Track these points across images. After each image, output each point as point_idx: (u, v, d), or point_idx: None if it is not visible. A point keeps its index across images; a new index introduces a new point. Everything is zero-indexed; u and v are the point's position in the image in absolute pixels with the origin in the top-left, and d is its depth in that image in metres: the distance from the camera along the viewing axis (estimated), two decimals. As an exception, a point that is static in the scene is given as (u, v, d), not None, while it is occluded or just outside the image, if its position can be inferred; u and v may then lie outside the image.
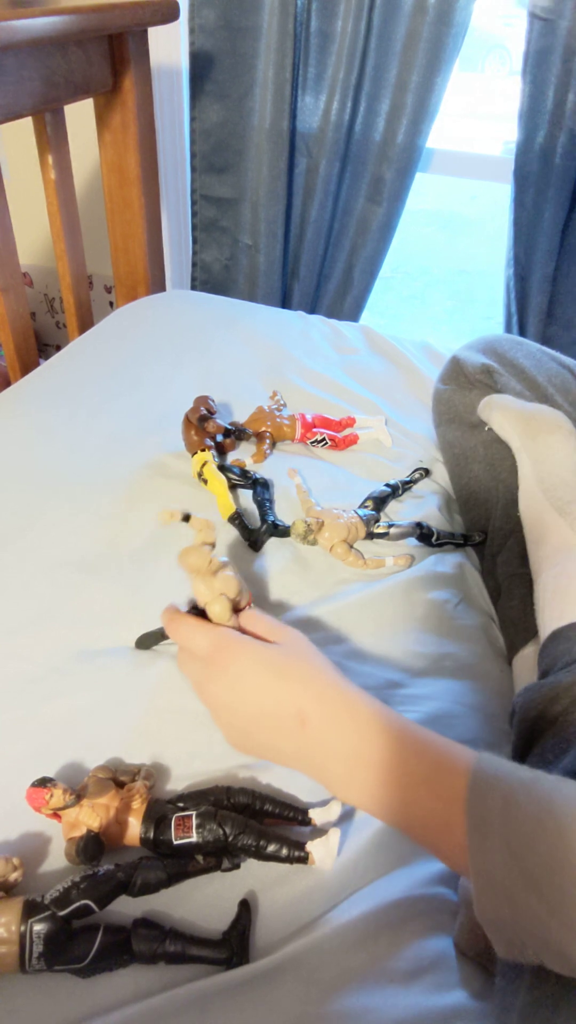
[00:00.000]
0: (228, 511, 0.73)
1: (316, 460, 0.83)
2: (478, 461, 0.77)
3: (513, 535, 0.69)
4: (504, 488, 0.72)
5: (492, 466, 0.75)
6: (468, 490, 0.77)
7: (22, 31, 0.80)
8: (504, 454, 0.75)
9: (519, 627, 0.64)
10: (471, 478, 0.77)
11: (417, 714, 0.58)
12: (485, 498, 0.74)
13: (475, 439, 0.78)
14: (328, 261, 1.47)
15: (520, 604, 0.65)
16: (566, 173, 1.22)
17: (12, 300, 1.01)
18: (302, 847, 0.46)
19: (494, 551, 0.70)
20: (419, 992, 0.42)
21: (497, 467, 0.74)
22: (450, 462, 0.81)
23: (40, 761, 0.52)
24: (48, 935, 0.40)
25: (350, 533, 0.69)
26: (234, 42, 1.30)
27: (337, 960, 0.43)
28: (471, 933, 0.44)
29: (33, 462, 0.80)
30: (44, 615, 0.63)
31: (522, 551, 0.67)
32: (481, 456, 0.77)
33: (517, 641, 0.64)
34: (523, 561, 0.67)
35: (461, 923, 0.45)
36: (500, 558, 0.69)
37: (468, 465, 0.77)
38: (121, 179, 1.14)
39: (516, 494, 0.71)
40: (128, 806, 0.47)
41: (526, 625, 0.63)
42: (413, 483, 0.80)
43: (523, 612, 0.64)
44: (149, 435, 0.84)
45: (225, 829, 0.45)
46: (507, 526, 0.70)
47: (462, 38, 1.19)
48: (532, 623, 0.62)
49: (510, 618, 0.66)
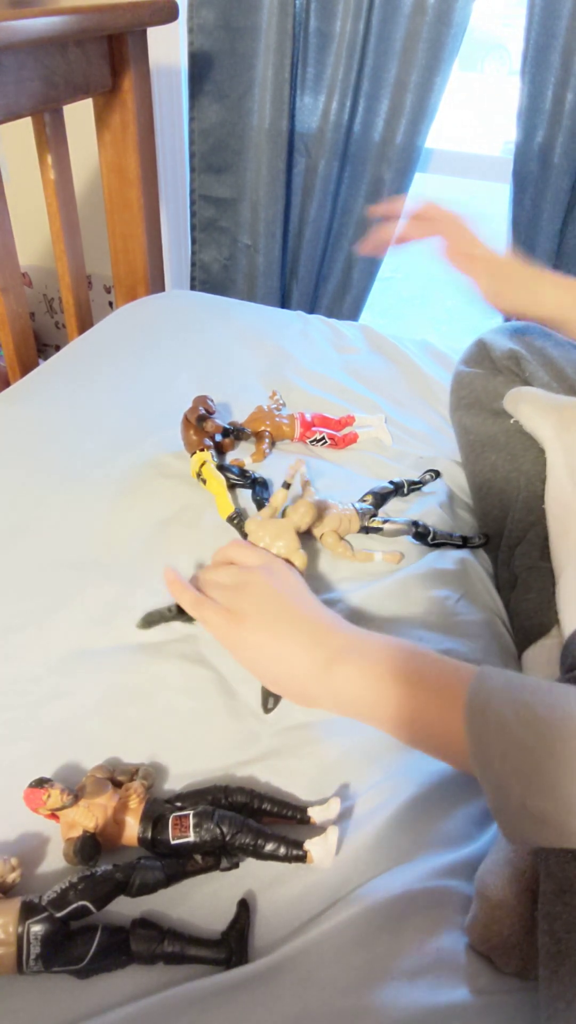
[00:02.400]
0: (227, 511, 0.73)
1: (316, 459, 0.82)
2: (498, 449, 0.74)
3: (533, 528, 0.68)
4: (526, 480, 0.71)
5: (514, 456, 0.73)
6: (483, 478, 0.75)
7: (22, 31, 0.80)
8: (527, 444, 0.73)
9: (534, 620, 0.63)
10: (488, 466, 0.75)
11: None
12: (502, 488, 0.73)
13: (496, 427, 0.76)
14: (327, 261, 1.47)
15: (536, 598, 0.64)
16: (565, 173, 1.22)
17: (11, 300, 1.01)
18: (300, 846, 0.46)
19: (512, 542, 0.69)
20: (421, 989, 0.42)
21: (519, 458, 0.73)
22: (465, 448, 0.79)
23: (38, 761, 0.52)
24: (46, 936, 0.40)
25: (342, 524, 0.70)
26: (233, 42, 1.30)
27: (337, 959, 0.42)
28: (486, 929, 0.44)
29: (32, 462, 0.80)
30: (42, 615, 0.63)
31: (542, 544, 0.66)
32: (502, 444, 0.74)
33: (531, 635, 0.63)
34: (543, 554, 0.66)
35: (474, 916, 0.44)
36: (519, 549, 0.68)
37: (485, 453, 0.75)
38: (121, 179, 1.14)
39: (539, 486, 0.69)
40: (125, 806, 0.47)
41: (541, 619, 0.63)
42: (422, 484, 0.80)
43: (539, 605, 0.63)
44: (148, 435, 0.84)
45: (223, 828, 0.45)
46: (529, 518, 0.69)
47: (461, 38, 1.19)
48: (547, 617, 0.62)
49: (525, 610, 0.65)
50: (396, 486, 0.77)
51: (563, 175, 1.22)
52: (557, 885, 0.40)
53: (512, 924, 0.43)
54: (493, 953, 0.44)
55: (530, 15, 1.13)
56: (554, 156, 1.21)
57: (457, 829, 0.51)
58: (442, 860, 0.48)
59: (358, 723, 0.56)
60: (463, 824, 0.51)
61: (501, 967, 0.43)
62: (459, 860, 0.48)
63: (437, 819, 0.51)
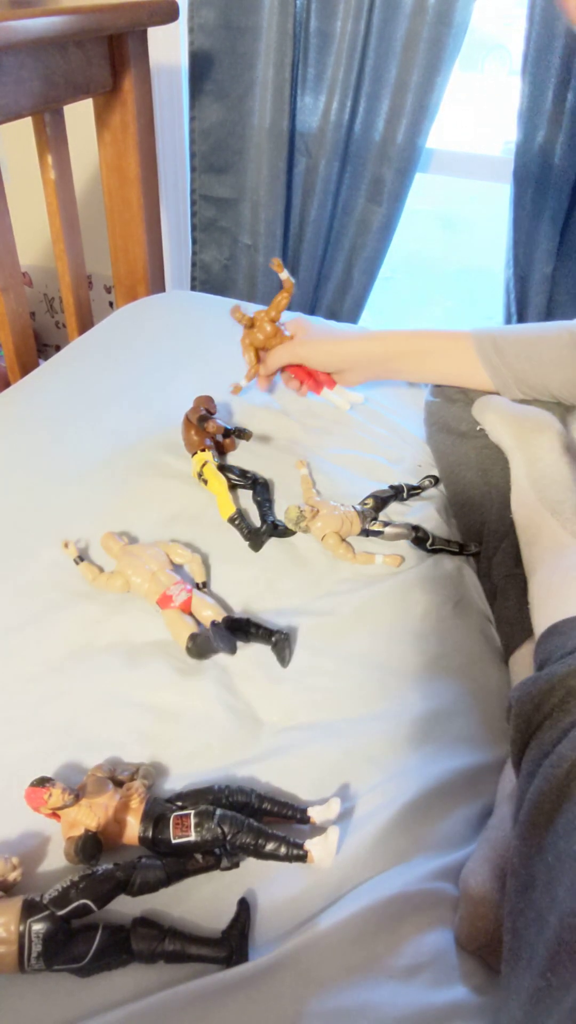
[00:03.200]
0: (228, 511, 0.73)
1: (317, 460, 0.83)
2: (470, 468, 0.78)
3: (507, 538, 0.70)
4: (497, 493, 0.74)
5: (485, 472, 0.76)
6: (463, 496, 0.78)
7: (22, 31, 0.80)
8: (495, 459, 0.76)
9: (515, 627, 0.64)
10: (465, 484, 0.78)
11: (414, 713, 0.58)
12: (479, 503, 0.75)
13: (465, 446, 0.80)
14: (328, 261, 1.47)
15: (515, 604, 0.65)
16: (565, 173, 1.22)
17: (12, 300, 1.01)
18: (301, 845, 0.46)
19: (489, 554, 0.71)
20: (419, 988, 0.42)
21: (489, 472, 0.76)
22: (444, 470, 0.83)
23: (39, 761, 0.52)
24: (47, 935, 0.40)
25: (343, 526, 0.70)
26: (234, 42, 1.30)
27: (336, 957, 0.43)
28: (472, 927, 0.44)
29: (32, 462, 0.80)
30: (43, 614, 0.63)
31: (516, 553, 0.68)
32: (473, 462, 0.78)
33: (514, 641, 0.64)
34: (518, 562, 0.67)
35: (462, 916, 0.45)
36: (495, 560, 0.70)
37: (461, 472, 0.79)
38: (121, 179, 1.14)
39: (509, 497, 0.72)
40: (126, 805, 0.47)
41: (522, 625, 0.63)
42: (422, 490, 0.80)
43: (519, 612, 0.64)
44: (149, 435, 0.84)
45: (223, 828, 0.45)
46: (501, 529, 0.71)
47: (462, 38, 1.19)
48: (528, 623, 0.63)
49: (506, 618, 0.66)
50: (396, 490, 0.78)
51: (563, 175, 1.22)
52: (521, 883, 0.40)
53: (496, 920, 0.44)
54: (482, 952, 0.44)
55: (530, 15, 1.13)
56: (555, 156, 1.21)
57: (455, 832, 0.51)
58: (440, 862, 0.48)
59: (358, 724, 0.56)
60: (461, 827, 0.51)
61: (492, 966, 0.44)
62: (455, 862, 0.49)
63: (436, 821, 0.51)
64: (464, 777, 0.54)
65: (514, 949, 0.39)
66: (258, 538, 0.71)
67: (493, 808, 0.53)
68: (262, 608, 0.65)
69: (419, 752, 0.55)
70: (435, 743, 0.56)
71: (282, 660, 0.60)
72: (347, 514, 0.70)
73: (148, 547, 0.67)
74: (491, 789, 0.55)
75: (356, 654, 0.62)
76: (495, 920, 0.44)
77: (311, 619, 0.64)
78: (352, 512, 0.71)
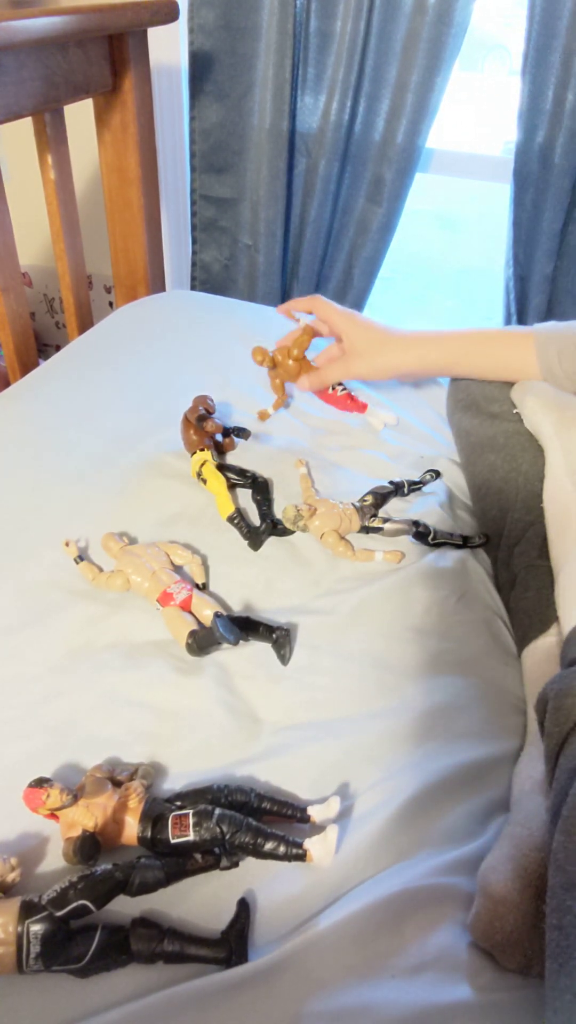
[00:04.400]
0: (228, 510, 0.73)
1: (317, 459, 0.83)
2: (496, 450, 0.76)
3: (532, 527, 0.68)
4: (524, 479, 0.72)
5: (512, 456, 0.74)
6: (482, 478, 0.76)
7: (22, 31, 0.80)
8: (526, 445, 0.74)
9: (533, 618, 0.64)
10: (487, 466, 0.76)
11: (416, 709, 0.57)
12: (501, 488, 0.73)
13: (494, 428, 0.77)
14: (328, 261, 1.47)
15: (535, 595, 0.64)
16: (565, 173, 1.22)
17: (12, 300, 1.01)
18: (300, 844, 0.46)
19: (511, 542, 0.70)
20: (422, 987, 0.42)
21: (518, 458, 0.74)
22: (464, 450, 0.80)
23: (37, 761, 0.52)
24: (45, 935, 0.40)
25: (342, 523, 0.70)
26: (233, 42, 1.30)
27: (337, 957, 0.42)
28: (489, 925, 0.43)
29: (32, 462, 0.80)
30: (42, 615, 0.63)
31: (541, 542, 0.67)
32: (500, 445, 0.76)
33: (530, 632, 0.63)
34: (541, 553, 0.66)
35: (478, 913, 0.44)
36: (518, 548, 0.69)
37: (484, 454, 0.77)
38: (121, 179, 1.14)
39: (537, 485, 0.70)
40: (125, 805, 0.47)
41: (540, 616, 0.63)
42: (423, 484, 0.80)
43: (538, 603, 0.64)
44: (148, 435, 0.84)
45: (222, 827, 0.45)
46: (527, 517, 0.69)
47: (462, 38, 1.19)
48: (546, 614, 0.62)
49: (524, 608, 0.65)
50: (396, 486, 0.77)
51: (564, 175, 1.22)
52: (567, 879, 0.40)
53: (515, 920, 0.43)
54: (495, 950, 0.43)
55: (530, 15, 1.13)
56: (555, 156, 1.21)
57: (458, 826, 0.51)
58: (444, 858, 0.48)
59: (359, 723, 0.56)
60: (465, 821, 0.51)
61: (503, 964, 0.43)
62: (461, 857, 0.48)
63: (438, 817, 0.51)
64: (468, 772, 0.54)
65: (563, 947, 0.38)
66: (257, 537, 0.71)
67: (509, 803, 0.52)
68: (262, 607, 0.65)
69: (421, 749, 0.55)
70: (437, 739, 0.56)
71: (282, 657, 0.60)
72: (345, 511, 0.70)
73: (148, 547, 0.67)
74: (497, 783, 0.54)
75: (356, 652, 0.62)
76: (513, 920, 0.43)
77: (311, 618, 0.64)
78: (351, 509, 0.71)
